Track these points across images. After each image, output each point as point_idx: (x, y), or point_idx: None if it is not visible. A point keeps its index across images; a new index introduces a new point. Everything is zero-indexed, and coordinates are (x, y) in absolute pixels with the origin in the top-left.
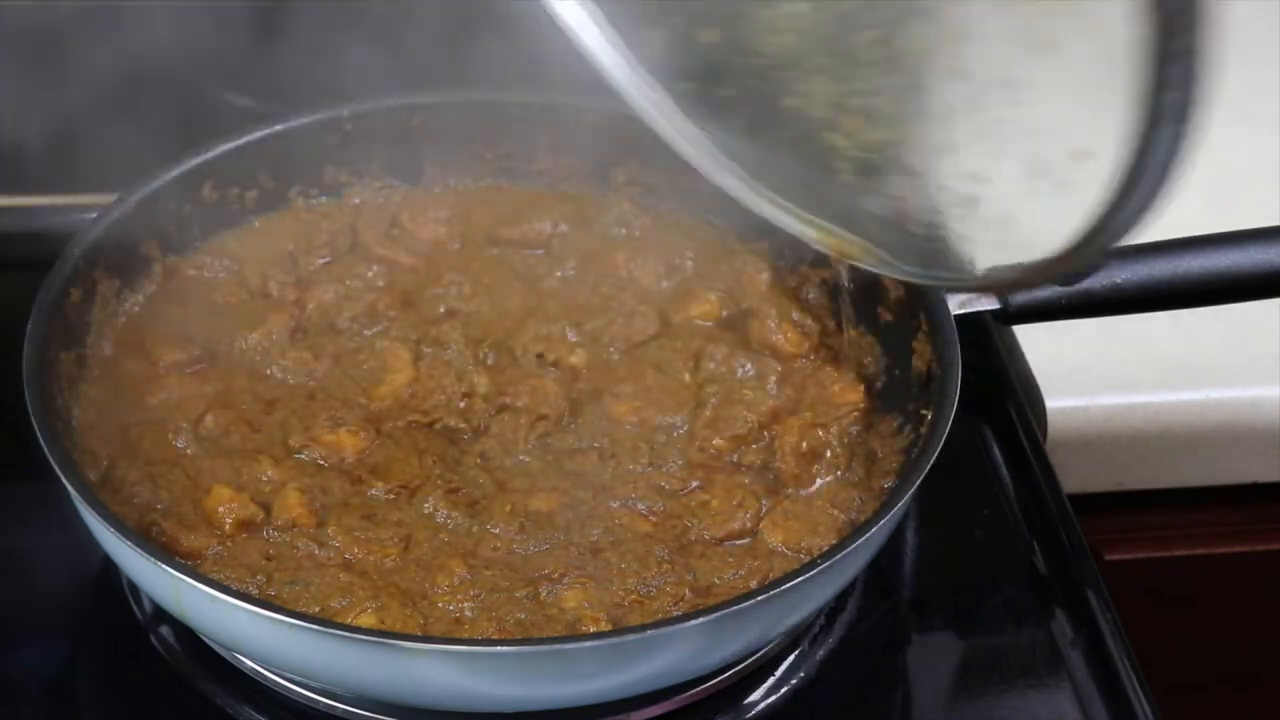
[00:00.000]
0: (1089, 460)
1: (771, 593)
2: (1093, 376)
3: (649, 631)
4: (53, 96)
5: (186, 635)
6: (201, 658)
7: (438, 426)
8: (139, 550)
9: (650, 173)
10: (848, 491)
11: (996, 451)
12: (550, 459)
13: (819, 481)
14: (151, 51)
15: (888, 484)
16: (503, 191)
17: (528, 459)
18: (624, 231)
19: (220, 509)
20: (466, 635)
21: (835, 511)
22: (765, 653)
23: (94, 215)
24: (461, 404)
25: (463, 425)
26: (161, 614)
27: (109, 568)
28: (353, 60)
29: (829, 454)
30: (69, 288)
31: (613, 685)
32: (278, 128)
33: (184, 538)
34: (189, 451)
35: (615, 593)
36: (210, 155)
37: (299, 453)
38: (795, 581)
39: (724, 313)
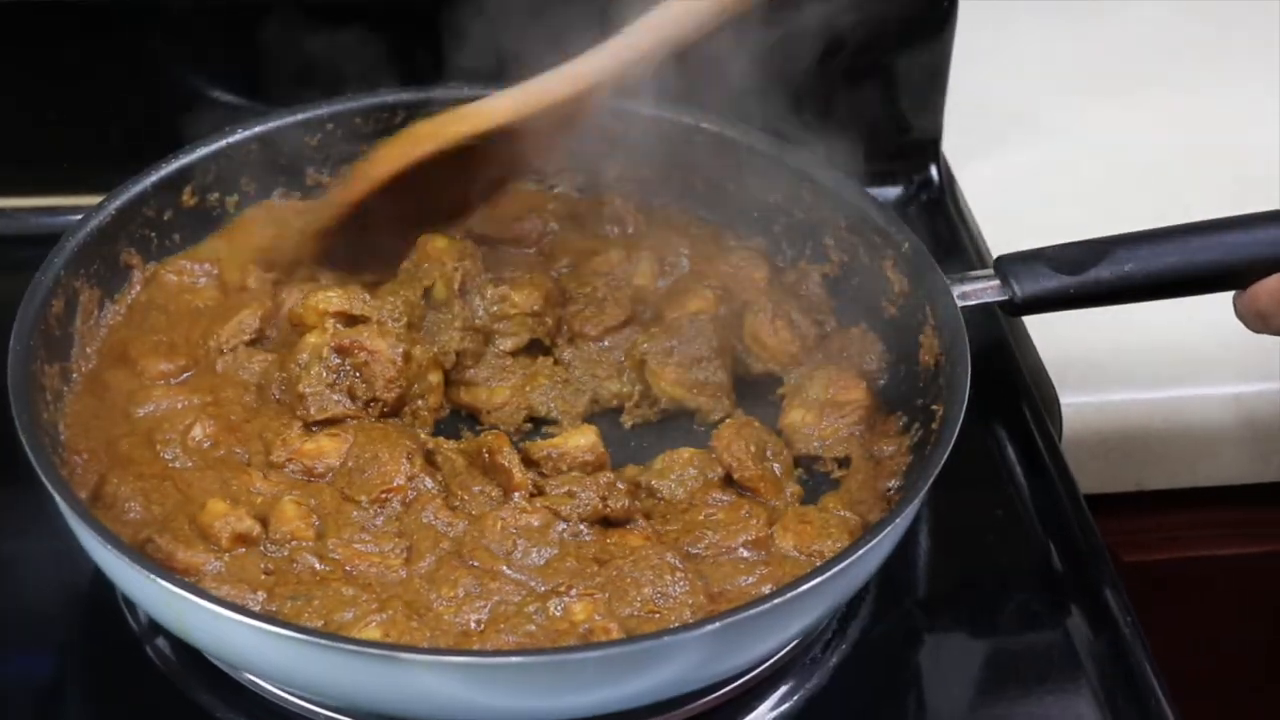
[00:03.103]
0: (1106, 459)
1: (778, 600)
2: (1109, 371)
3: (653, 641)
4: None
5: (182, 646)
6: (197, 669)
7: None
8: (139, 568)
9: (641, 169)
10: (858, 493)
11: (1010, 451)
12: None
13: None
14: None
15: (894, 484)
16: None
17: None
18: (616, 230)
19: (216, 524)
20: (475, 647)
21: (847, 514)
22: (778, 659)
23: (75, 220)
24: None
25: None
26: (157, 624)
27: (101, 577)
28: None
29: (828, 461)
30: (50, 299)
31: (621, 695)
32: (257, 129)
33: (180, 553)
34: (178, 464)
35: (632, 602)
36: (189, 159)
37: (284, 466)
38: (804, 587)
39: (721, 309)
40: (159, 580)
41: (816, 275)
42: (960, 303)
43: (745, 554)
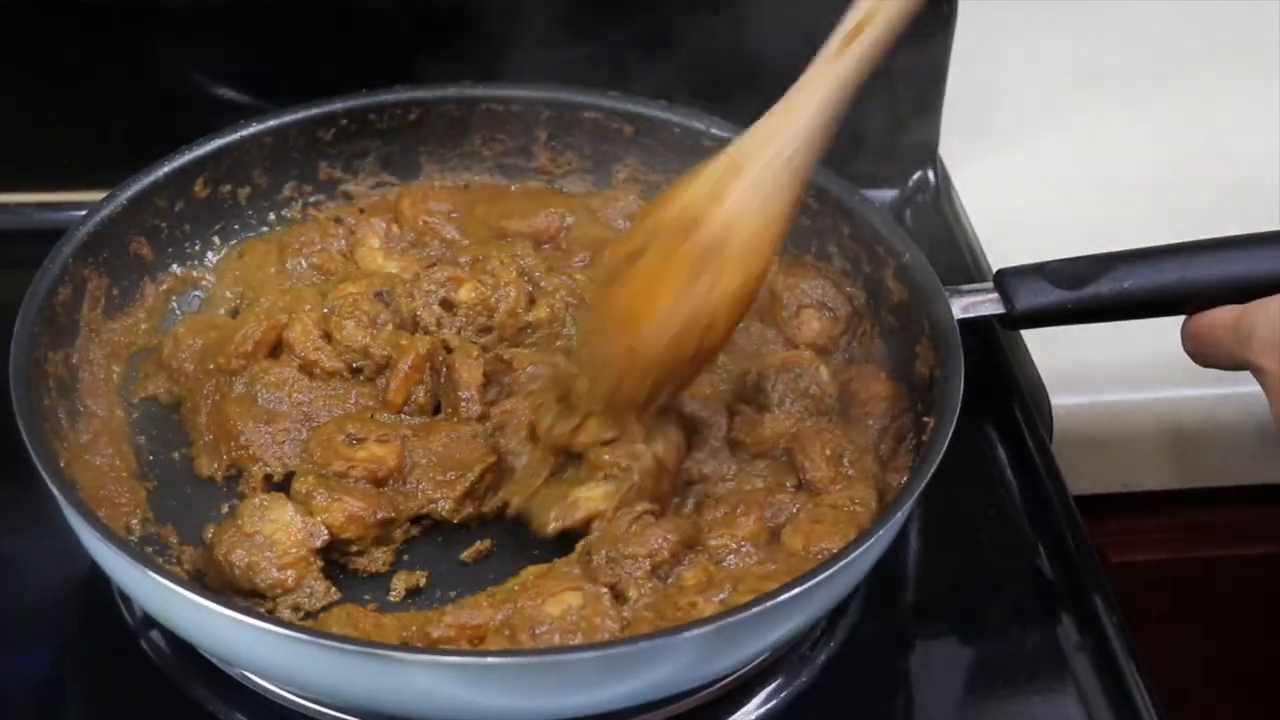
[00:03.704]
0: (1095, 460)
1: (771, 602)
2: (1099, 373)
3: (648, 642)
4: None
5: (177, 640)
6: (192, 663)
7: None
8: (132, 561)
9: (651, 171)
10: (866, 488)
11: (1001, 452)
12: None
13: (850, 475)
14: None
15: (902, 479)
16: (502, 189)
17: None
18: (628, 225)
19: None
20: None
21: (857, 508)
22: (766, 658)
23: (80, 213)
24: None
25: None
26: (151, 619)
27: (97, 571)
28: None
29: (848, 454)
30: (57, 286)
31: (617, 695)
32: (271, 123)
33: None
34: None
35: None
36: (202, 152)
37: (346, 476)
38: (795, 591)
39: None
40: (151, 574)
41: (837, 260)
42: (958, 315)
43: (751, 549)
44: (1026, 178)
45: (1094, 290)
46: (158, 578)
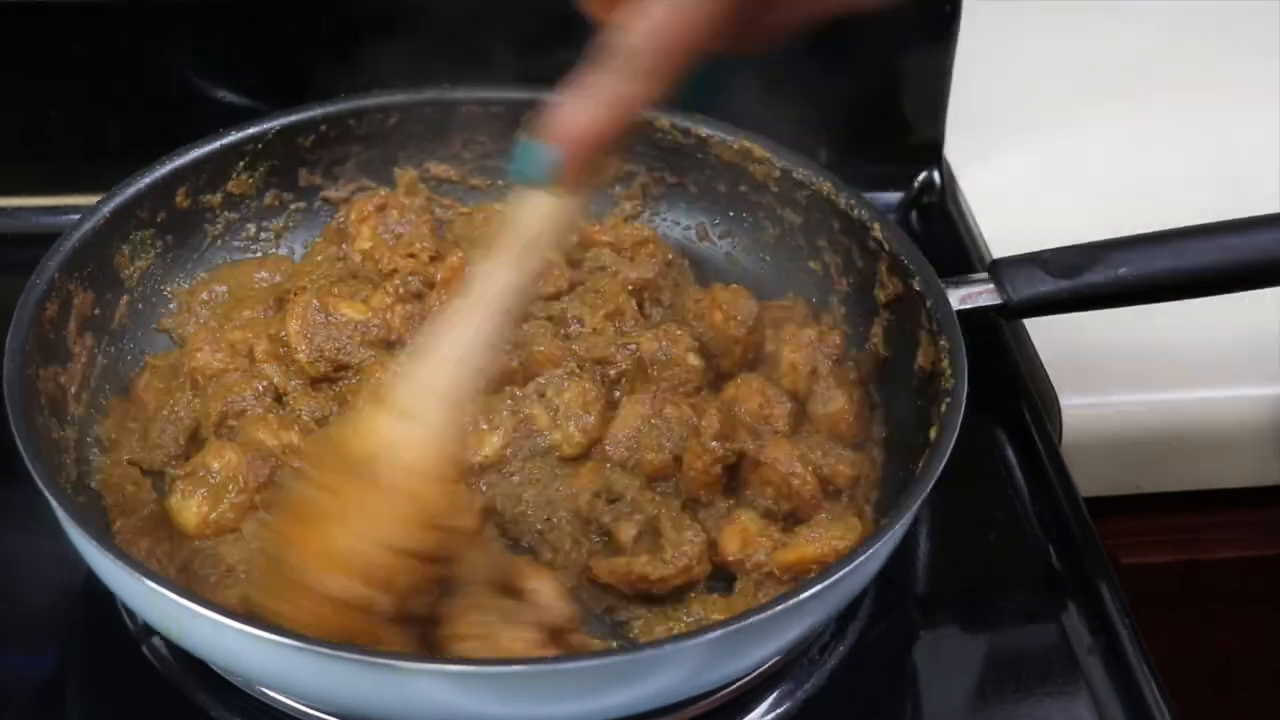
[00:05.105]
0: (1105, 461)
1: (776, 609)
2: (1109, 374)
3: (652, 650)
4: None
5: (178, 646)
6: (193, 669)
7: None
8: (130, 571)
9: (631, 166)
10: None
11: (1010, 453)
12: None
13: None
14: None
15: (881, 498)
16: None
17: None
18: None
19: None
20: None
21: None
22: (775, 662)
23: (72, 220)
24: None
25: None
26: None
27: (97, 576)
28: None
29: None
30: (45, 302)
31: (620, 702)
32: (250, 131)
33: None
34: None
35: None
36: (182, 161)
37: None
38: (800, 597)
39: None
40: (147, 582)
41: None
42: (956, 306)
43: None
44: (1032, 177)
45: (1089, 278)
46: (153, 585)
